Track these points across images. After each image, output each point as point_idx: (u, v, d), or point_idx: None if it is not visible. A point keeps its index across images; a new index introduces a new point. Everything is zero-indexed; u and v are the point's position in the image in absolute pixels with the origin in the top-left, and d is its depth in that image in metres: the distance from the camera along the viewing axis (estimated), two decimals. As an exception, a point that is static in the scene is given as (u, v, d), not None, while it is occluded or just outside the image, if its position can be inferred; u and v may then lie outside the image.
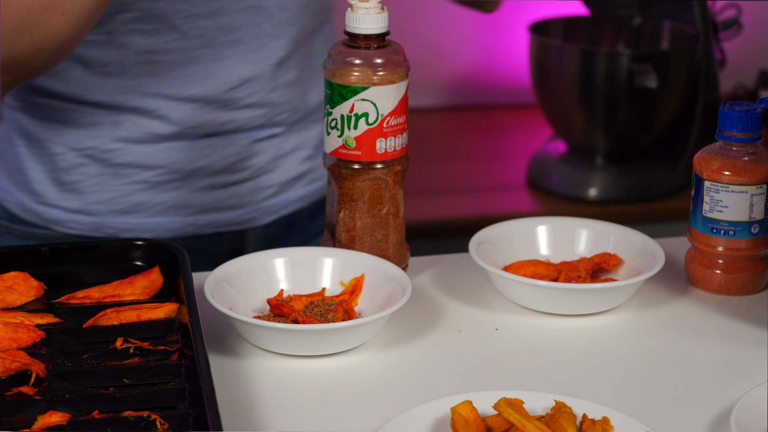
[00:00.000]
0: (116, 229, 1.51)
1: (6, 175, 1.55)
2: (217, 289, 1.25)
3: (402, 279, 1.27)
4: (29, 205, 1.52)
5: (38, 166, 1.51)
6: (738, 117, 1.32)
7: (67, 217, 1.51)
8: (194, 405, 1.06)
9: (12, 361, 1.11)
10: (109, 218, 1.51)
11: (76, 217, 1.51)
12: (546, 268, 1.36)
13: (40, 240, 1.53)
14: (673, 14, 2.47)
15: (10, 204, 1.55)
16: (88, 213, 1.51)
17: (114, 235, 1.52)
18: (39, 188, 1.51)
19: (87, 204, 1.50)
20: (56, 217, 1.51)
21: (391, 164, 1.32)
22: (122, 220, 1.51)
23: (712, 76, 2.41)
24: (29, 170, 1.52)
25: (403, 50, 1.31)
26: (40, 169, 1.51)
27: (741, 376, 1.20)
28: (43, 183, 1.51)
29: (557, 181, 2.48)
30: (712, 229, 1.34)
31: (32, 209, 1.52)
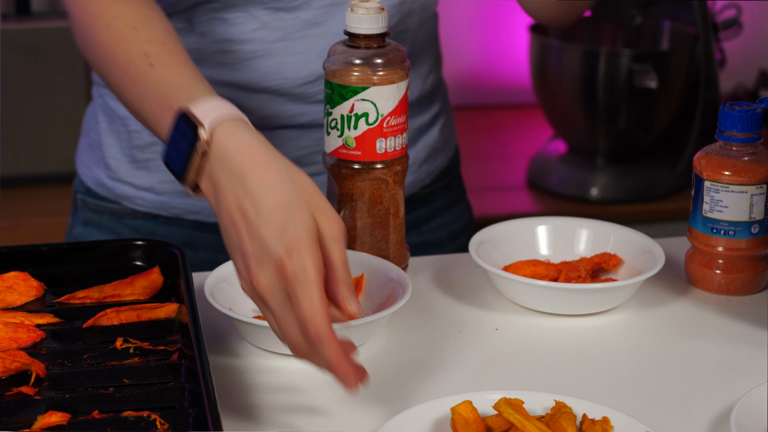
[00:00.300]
0: (181, 210, 1.50)
1: (88, 151, 1.56)
2: (217, 289, 1.25)
3: (402, 279, 1.27)
4: (103, 179, 1.53)
5: (115, 143, 1.51)
6: (738, 117, 1.32)
7: (136, 194, 1.51)
8: (194, 405, 1.06)
9: (12, 361, 1.11)
10: (175, 198, 1.49)
11: (144, 195, 1.50)
12: (546, 268, 1.36)
13: (111, 214, 1.53)
14: (673, 14, 2.47)
15: (88, 179, 1.55)
16: (155, 191, 1.50)
17: (179, 216, 1.50)
18: (113, 164, 1.51)
19: (155, 182, 1.49)
20: (126, 193, 1.51)
21: (391, 164, 1.32)
22: (188, 201, 1.49)
23: (712, 76, 2.41)
24: (106, 146, 1.52)
25: (403, 50, 1.31)
26: (116, 145, 1.51)
27: (741, 376, 1.20)
28: (118, 158, 1.51)
29: (557, 181, 2.48)
30: (712, 229, 1.34)
31: (105, 184, 1.53)
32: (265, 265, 1.03)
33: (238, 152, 1.06)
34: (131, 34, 1.21)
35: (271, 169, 1.05)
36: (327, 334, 1.02)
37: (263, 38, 1.42)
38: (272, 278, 1.02)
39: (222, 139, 1.07)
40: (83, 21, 1.24)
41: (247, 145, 1.06)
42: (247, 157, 1.06)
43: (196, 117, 1.09)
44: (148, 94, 1.16)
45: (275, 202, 1.03)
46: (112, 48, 1.21)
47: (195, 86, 1.14)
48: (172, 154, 1.11)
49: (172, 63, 1.17)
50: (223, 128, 1.07)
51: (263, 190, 1.04)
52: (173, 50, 1.19)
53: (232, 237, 1.05)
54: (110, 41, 1.22)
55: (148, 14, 1.23)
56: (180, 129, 1.10)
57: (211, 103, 1.10)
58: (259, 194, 1.04)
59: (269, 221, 1.03)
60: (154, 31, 1.21)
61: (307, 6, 1.41)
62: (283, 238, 1.02)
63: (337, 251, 1.04)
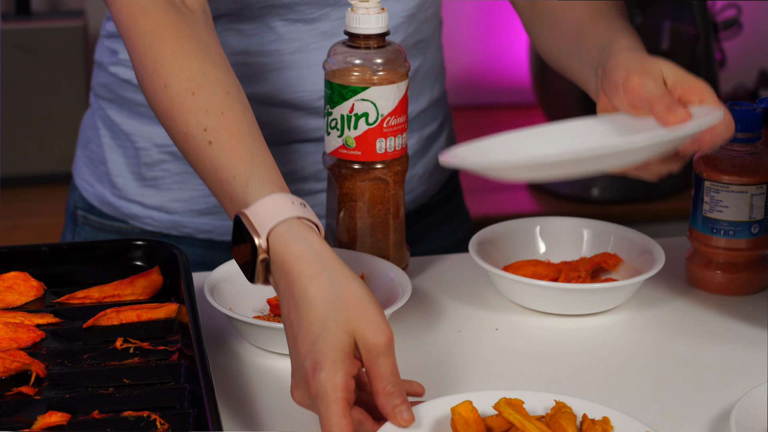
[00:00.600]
0: (193, 230, 1.47)
1: (89, 165, 1.52)
2: (217, 289, 1.25)
3: (402, 279, 1.27)
4: (108, 198, 1.50)
5: (121, 159, 1.48)
6: (738, 117, 1.32)
7: (145, 213, 1.48)
8: (194, 405, 1.06)
9: (12, 361, 1.11)
10: (187, 218, 1.47)
11: (154, 214, 1.48)
12: (546, 268, 1.36)
13: (117, 233, 1.50)
14: (673, 14, 2.48)
15: (90, 195, 1.52)
16: (166, 211, 1.47)
17: (191, 235, 1.48)
18: (119, 181, 1.48)
19: (166, 201, 1.47)
20: (134, 213, 1.48)
21: (391, 164, 1.32)
22: (200, 221, 1.47)
23: (712, 76, 2.41)
24: (111, 162, 1.49)
25: (403, 50, 1.31)
26: (122, 162, 1.48)
27: (741, 376, 1.20)
28: (125, 176, 1.48)
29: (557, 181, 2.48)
30: (712, 229, 1.34)
31: (111, 202, 1.49)
32: (298, 382, 1.05)
33: (290, 262, 1.07)
34: (188, 101, 1.17)
35: (316, 282, 1.05)
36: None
37: (280, 50, 1.41)
38: (304, 395, 1.05)
39: (277, 247, 1.08)
40: (142, 74, 1.20)
41: (298, 255, 1.07)
42: (296, 268, 1.06)
43: (253, 225, 1.09)
44: (208, 174, 1.16)
45: (313, 317, 1.04)
46: (170, 113, 1.18)
47: (250, 176, 1.13)
48: (238, 255, 1.12)
49: (229, 141, 1.15)
50: (278, 235, 1.08)
51: (306, 303, 1.05)
52: (231, 122, 1.16)
53: (288, 344, 1.07)
54: (168, 105, 1.18)
55: (206, 73, 1.18)
56: (240, 231, 1.10)
57: (264, 202, 1.10)
58: (301, 307, 1.05)
59: (305, 337, 1.04)
60: (213, 96, 1.17)
61: (326, 17, 1.40)
62: (312, 354, 1.03)
63: (382, 363, 1.04)
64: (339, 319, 1.04)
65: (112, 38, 1.48)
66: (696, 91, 1.17)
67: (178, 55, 1.19)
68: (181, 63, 1.18)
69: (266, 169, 1.14)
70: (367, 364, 1.04)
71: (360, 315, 1.04)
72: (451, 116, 1.61)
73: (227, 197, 1.14)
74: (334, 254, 1.07)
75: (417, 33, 1.46)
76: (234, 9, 1.39)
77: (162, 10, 1.20)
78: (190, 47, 1.19)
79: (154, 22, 1.20)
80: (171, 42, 1.19)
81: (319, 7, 1.39)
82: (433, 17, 1.48)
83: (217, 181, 1.15)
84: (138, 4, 1.20)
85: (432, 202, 1.56)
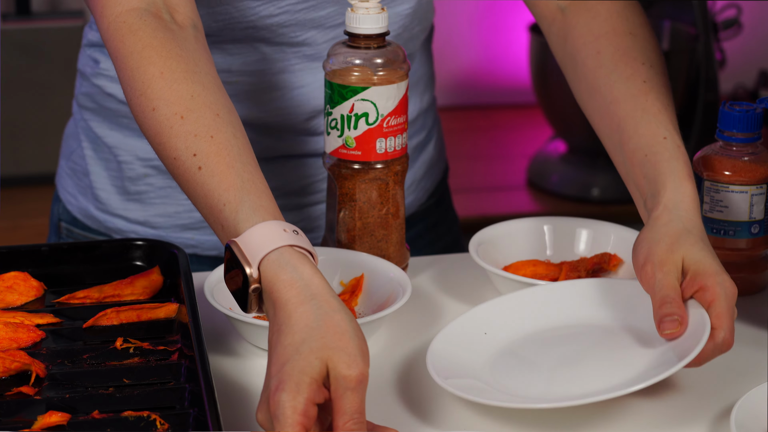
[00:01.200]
0: (179, 245, 1.42)
1: (72, 177, 1.51)
2: (217, 289, 1.25)
3: (402, 279, 1.27)
4: (91, 211, 1.48)
5: (104, 172, 1.46)
6: (738, 117, 1.32)
7: (129, 228, 1.46)
8: (194, 405, 1.06)
9: (12, 361, 1.11)
10: (172, 233, 1.46)
11: (138, 229, 1.46)
12: (546, 268, 1.36)
13: None
14: (673, 14, 2.48)
15: (73, 208, 1.50)
16: (150, 225, 1.46)
17: None
18: (103, 195, 1.46)
19: (150, 216, 1.45)
20: (118, 227, 1.46)
21: (391, 164, 1.32)
22: (185, 236, 1.46)
23: (712, 76, 2.41)
24: (94, 175, 1.47)
25: (403, 50, 1.31)
26: (105, 175, 1.46)
27: (741, 376, 1.20)
28: (108, 190, 1.46)
29: (557, 181, 2.48)
30: (712, 229, 1.34)
31: (94, 216, 1.48)
32: (262, 400, 1.02)
33: (279, 290, 1.05)
34: (177, 125, 1.14)
35: (301, 309, 1.04)
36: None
37: (265, 70, 1.39)
38: (266, 415, 1.01)
39: (268, 276, 1.06)
40: (131, 96, 1.18)
41: (288, 284, 1.05)
42: (284, 295, 1.05)
43: (244, 254, 1.07)
44: (199, 200, 1.14)
45: (289, 341, 1.02)
46: (159, 137, 1.16)
47: (241, 203, 1.11)
48: (230, 284, 1.10)
49: (219, 167, 1.12)
50: (269, 263, 1.06)
51: (286, 328, 1.03)
52: (221, 146, 1.13)
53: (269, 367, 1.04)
54: (157, 129, 1.16)
55: (195, 95, 1.15)
56: (231, 264, 1.09)
57: (256, 231, 1.08)
58: (282, 332, 1.03)
59: (277, 359, 1.02)
60: (202, 119, 1.14)
61: (312, 41, 1.39)
62: (278, 375, 1.01)
63: (349, 398, 1.00)
64: (314, 345, 1.01)
65: (94, 47, 1.46)
66: (708, 294, 1.14)
67: (166, 77, 1.16)
68: (170, 85, 1.16)
69: (257, 194, 1.11)
70: (334, 396, 1.00)
71: (337, 345, 1.01)
72: (439, 122, 1.59)
73: (218, 224, 1.12)
74: (325, 284, 1.05)
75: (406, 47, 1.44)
76: (216, 29, 1.37)
77: (150, 29, 1.18)
78: (178, 68, 1.16)
79: (141, 42, 1.17)
80: (159, 63, 1.16)
81: (303, 30, 1.38)
82: (420, 33, 1.47)
83: (208, 208, 1.13)
84: (125, 23, 1.18)
85: (419, 210, 1.55)
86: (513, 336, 1.22)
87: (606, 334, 1.20)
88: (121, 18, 1.18)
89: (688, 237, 1.16)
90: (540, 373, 1.16)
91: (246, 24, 1.36)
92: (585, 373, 1.15)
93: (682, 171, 1.20)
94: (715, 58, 2.43)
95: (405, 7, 1.41)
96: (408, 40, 1.43)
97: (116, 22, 1.18)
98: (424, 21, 1.46)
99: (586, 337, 1.20)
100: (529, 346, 1.20)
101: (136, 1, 1.19)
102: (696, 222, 1.18)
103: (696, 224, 1.17)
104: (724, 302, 1.13)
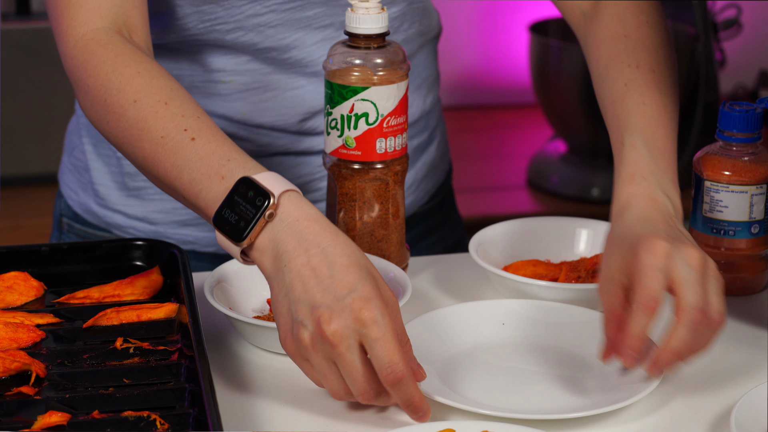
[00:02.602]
0: (176, 240, 1.46)
1: (73, 172, 1.52)
2: (217, 289, 1.25)
3: (402, 279, 1.27)
4: (92, 207, 1.49)
5: (104, 168, 1.48)
6: (738, 117, 1.32)
7: (128, 223, 1.47)
8: (194, 405, 1.06)
9: (12, 361, 1.11)
10: (170, 229, 1.46)
11: (137, 224, 1.47)
12: (546, 268, 1.36)
13: None
14: (673, 14, 2.48)
15: (74, 203, 1.52)
16: (149, 221, 1.47)
17: None
18: (103, 191, 1.48)
19: (149, 212, 1.46)
20: (117, 222, 1.47)
21: (391, 164, 1.32)
22: (183, 232, 1.47)
23: (712, 76, 2.41)
24: (94, 171, 1.48)
25: (403, 50, 1.31)
26: (105, 171, 1.48)
27: (741, 376, 1.20)
28: (108, 186, 1.47)
29: (557, 181, 2.48)
30: (712, 229, 1.34)
31: (94, 211, 1.49)
32: (338, 312, 1.06)
33: (308, 220, 1.10)
34: (163, 109, 1.19)
35: (341, 237, 1.10)
36: (407, 375, 1.07)
37: (257, 70, 1.40)
38: (347, 324, 1.06)
39: (290, 208, 1.11)
40: (103, 97, 1.22)
41: (315, 216, 1.11)
42: (318, 226, 1.10)
43: (264, 185, 1.12)
44: (190, 165, 1.16)
45: (349, 262, 1.08)
46: (143, 123, 1.19)
47: (247, 159, 1.15)
48: (230, 218, 1.12)
49: (215, 137, 1.17)
50: (290, 197, 1.12)
51: (337, 251, 1.09)
52: (210, 124, 1.19)
53: (297, 293, 1.08)
54: (140, 116, 1.20)
55: (173, 88, 1.21)
56: (242, 194, 1.12)
57: (270, 174, 1.13)
58: (333, 255, 1.08)
59: (344, 277, 1.07)
60: (185, 105, 1.20)
61: (300, 43, 1.39)
62: (360, 291, 1.06)
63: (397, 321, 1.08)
64: (371, 269, 1.09)
65: None
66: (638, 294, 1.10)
67: (144, 76, 1.21)
68: (148, 81, 1.21)
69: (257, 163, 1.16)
70: None
71: (377, 275, 1.10)
72: (444, 124, 1.60)
73: (218, 176, 1.14)
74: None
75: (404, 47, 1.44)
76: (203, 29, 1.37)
77: (118, 42, 1.24)
78: (153, 69, 1.22)
79: (113, 51, 1.23)
80: (134, 65, 1.22)
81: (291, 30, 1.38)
82: (416, 36, 1.46)
83: (205, 167, 1.15)
84: (93, 40, 1.24)
85: (420, 212, 1.55)
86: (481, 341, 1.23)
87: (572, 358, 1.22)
88: (88, 36, 1.25)
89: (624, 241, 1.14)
90: (494, 381, 1.18)
91: (233, 24, 1.36)
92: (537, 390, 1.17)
93: (626, 176, 1.19)
94: (715, 58, 2.43)
95: (394, 10, 1.41)
96: (402, 42, 1.43)
97: (84, 40, 1.25)
98: (419, 24, 1.46)
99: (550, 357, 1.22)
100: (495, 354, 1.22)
101: (100, 22, 1.25)
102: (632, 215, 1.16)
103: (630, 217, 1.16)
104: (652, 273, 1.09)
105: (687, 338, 1.08)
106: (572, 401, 1.14)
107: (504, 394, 1.16)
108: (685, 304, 1.08)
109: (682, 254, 1.09)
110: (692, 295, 1.08)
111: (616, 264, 1.13)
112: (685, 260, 1.09)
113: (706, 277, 1.09)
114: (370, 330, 1.05)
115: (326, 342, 1.06)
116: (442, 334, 1.23)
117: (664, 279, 1.09)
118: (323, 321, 1.06)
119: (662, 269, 1.09)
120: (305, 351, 1.08)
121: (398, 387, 1.06)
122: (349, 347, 1.06)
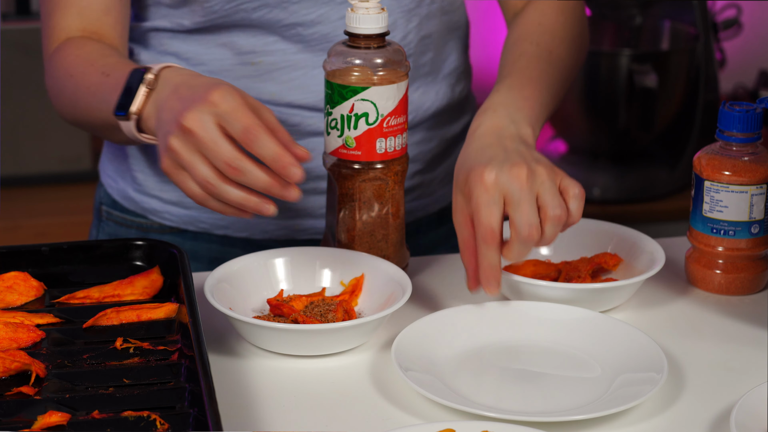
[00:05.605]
0: (209, 225, 1.49)
1: (113, 161, 1.56)
2: (217, 289, 1.25)
3: (402, 279, 1.27)
4: (129, 193, 1.53)
5: (141, 155, 1.51)
6: (738, 117, 1.32)
7: (163, 208, 1.51)
8: (194, 405, 1.06)
9: (12, 361, 1.11)
10: (204, 212, 1.49)
11: (172, 209, 1.50)
12: (546, 268, 1.36)
13: (138, 228, 1.53)
14: (673, 14, 2.48)
15: (113, 191, 1.55)
16: (183, 206, 1.50)
17: (207, 230, 1.50)
18: (140, 177, 1.51)
19: (183, 196, 1.49)
20: (153, 207, 1.51)
21: (391, 164, 1.32)
22: (216, 216, 1.49)
23: (712, 76, 2.41)
24: (132, 158, 1.52)
25: (403, 50, 1.31)
26: (142, 157, 1.51)
27: (741, 376, 1.20)
28: (145, 171, 1.51)
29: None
30: (712, 229, 1.34)
31: (132, 197, 1.53)
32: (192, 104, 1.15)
33: (179, 74, 1.23)
34: (89, 69, 1.35)
35: (203, 76, 1.23)
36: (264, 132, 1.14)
37: (284, 49, 1.42)
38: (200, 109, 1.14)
39: (169, 75, 1.24)
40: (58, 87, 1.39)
41: (187, 71, 1.24)
42: (186, 73, 1.24)
43: (149, 66, 1.25)
44: (107, 93, 1.29)
45: (212, 82, 1.18)
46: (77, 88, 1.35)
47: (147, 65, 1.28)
48: (122, 102, 1.25)
49: (126, 66, 1.30)
50: (170, 68, 1.25)
51: (203, 79, 1.21)
52: (125, 62, 1.33)
53: (164, 116, 1.19)
54: (74, 84, 1.36)
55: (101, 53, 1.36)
56: (130, 79, 1.25)
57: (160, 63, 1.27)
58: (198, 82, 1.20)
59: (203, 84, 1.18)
60: (110, 57, 1.35)
61: (325, 19, 1.41)
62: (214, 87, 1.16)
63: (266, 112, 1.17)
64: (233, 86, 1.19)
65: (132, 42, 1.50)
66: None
67: (80, 55, 1.37)
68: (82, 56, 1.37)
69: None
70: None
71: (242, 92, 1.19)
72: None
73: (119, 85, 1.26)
74: None
75: (421, 29, 1.45)
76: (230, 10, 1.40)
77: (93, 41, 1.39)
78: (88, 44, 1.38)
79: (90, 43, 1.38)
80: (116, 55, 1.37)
81: (316, 5, 1.40)
82: (439, 13, 1.47)
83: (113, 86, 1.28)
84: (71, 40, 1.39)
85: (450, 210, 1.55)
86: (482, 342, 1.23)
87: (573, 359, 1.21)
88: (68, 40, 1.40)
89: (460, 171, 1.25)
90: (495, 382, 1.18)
91: (258, 2, 1.39)
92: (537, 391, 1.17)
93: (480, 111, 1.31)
94: (715, 58, 2.43)
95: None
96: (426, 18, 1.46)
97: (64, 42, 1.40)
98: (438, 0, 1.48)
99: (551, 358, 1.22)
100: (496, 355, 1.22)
101: (78, 32, 1.40)
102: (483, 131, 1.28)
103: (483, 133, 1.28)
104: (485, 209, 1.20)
105: (522, 251, 1.21)
106: (572, 402, 1.14)
107: (504, 394, 1.15)
108: (515, 223, 1.20)
109: (509, 177, 1.20)
110: (519, 215, 1.20)
111: (459, 196, 1.24)
112: (511, 182, 1.20)
113: (532, 187, 1.20)
114: (219, 107, 1.14)
115: (186, 133, 1.14)
116: (442, 334, 1.22)
117: (498, 210, 1.20)
118: (180, 117, 1.15)
119: (494, 201, 1.20)
120: (176, 156, 1.15)
121: (258, 143, 1.13)
122: (206, 128, 1.14)
